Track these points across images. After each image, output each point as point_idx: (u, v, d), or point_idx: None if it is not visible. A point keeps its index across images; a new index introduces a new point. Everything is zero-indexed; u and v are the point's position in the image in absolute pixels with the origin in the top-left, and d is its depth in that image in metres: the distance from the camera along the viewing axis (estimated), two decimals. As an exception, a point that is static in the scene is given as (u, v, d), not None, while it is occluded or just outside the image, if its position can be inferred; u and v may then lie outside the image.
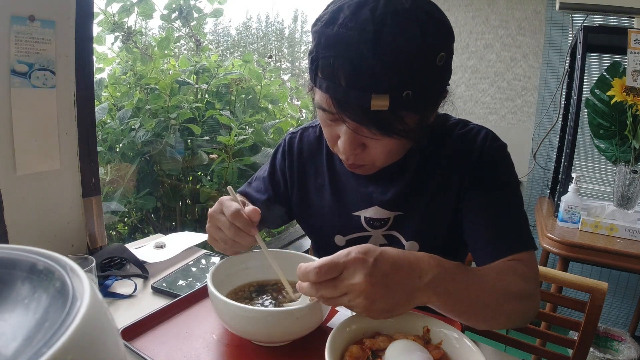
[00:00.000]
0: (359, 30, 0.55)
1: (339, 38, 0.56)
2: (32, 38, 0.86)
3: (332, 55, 0.57)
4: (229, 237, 0.68)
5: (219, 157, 2.01)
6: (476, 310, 0.61)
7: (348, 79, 0.57)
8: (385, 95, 0.56)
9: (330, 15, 0.58)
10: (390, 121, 0.59)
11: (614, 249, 1.33)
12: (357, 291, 0.50)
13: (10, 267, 0.31)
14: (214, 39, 3.21)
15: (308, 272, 0.52)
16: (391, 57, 0.55)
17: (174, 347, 0.62)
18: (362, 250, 0.52)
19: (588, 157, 1.96)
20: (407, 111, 0.59)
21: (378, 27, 0.54)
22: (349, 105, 0.58)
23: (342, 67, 0.57)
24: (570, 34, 1.91)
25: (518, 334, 1.02)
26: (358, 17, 0.55)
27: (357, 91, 0.57)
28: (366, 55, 0.55)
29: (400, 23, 0.55)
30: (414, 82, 0.57)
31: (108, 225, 1.97)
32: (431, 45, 0.57)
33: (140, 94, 2.06)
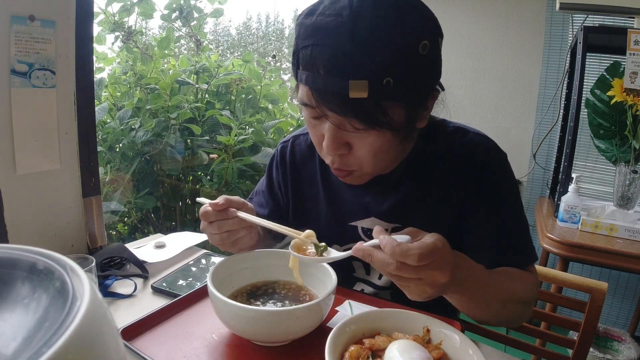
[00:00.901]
0: (336, 16, 0.55)
1: (316, 26, 0.57)
2: (32, 38, 0.86)
3: (311, 44, 0.57)
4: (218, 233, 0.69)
5: (219, 157, 2.01)
6: (482, 308, 0.66)
7: (326, 67, 0.56)
8: (363, 82, 0.55)
9: (311, 7, 0.59)
10: (372, 111, 0.58)
11: (613, 249, 1.33)
12: (434, 283, 0.52)
13: (10, 266, 0.31)
14: (214, 39, 3.21)
15: (409, 255, 0.49)
16: (368, 40, 0.54)
17: (174, 347, 0.62)
18: (446, 242, 0.53)
19: (588, 157, 1.96)
20: (389, 101, 0.58)
21: (355, 11, 0.55)
22: (328, 95, 0.57)
23: (320, 55, 0.56)
24: (570, 34, 1.91)
25: (518, 334, 1.02)
26: (336, 5, 0.56)
27: (335, 79, 0.56)
28: (343, 40, 0.54)
29: (378, 8, 0.55)
30: (395, 68, 0.56)
31: (108, 225, 1.97)
32: (411, 31, 0.56)
33: (140, 94, 2.06)
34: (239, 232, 0.71)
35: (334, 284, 0.65)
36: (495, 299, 0.67)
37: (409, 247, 0.50)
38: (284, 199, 0.91)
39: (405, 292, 0.56)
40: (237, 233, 0.71)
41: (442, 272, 0.51)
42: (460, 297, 0.62)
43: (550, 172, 1.99)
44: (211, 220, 0.69)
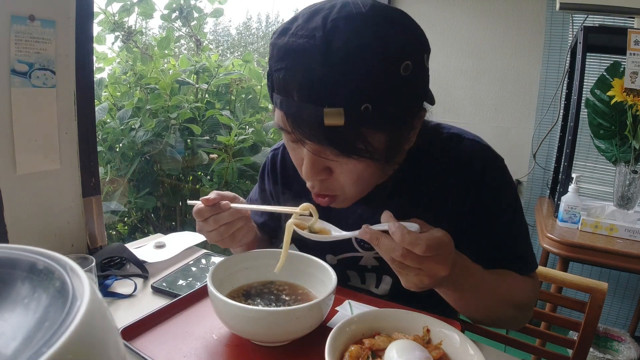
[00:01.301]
0: (308, 38, 0.51)
1: (289, 48, 0.52)
2: (32, 38, 0.86)
3: (283, 67, 0.53)
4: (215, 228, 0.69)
5: (219, 157, 2.01)
6: (480, 309, 0.68)
7: (300, 92, 0.52)
8: (339, 109, 0.50)
9: (284, 26, 0.55)
10: (350, 140, 0.53)
11: (613, 249, 1.33)
12: (435, 276, 0.52)
13: (10, 266, 0.31)
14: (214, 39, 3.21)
15: (417, 244, 0.50)
16: (343, 64, 0.50)
17: (174, 347, 0.62)
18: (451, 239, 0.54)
19: (588, 157, 1.96)
20: (369, 128, 0.54)
21: (328, 33, 0.50)
22: (303, 122, 0.53)
23: (293, 80, 0.52)
24: (571, 34, 1.91)
25: (518, 334, 1.02)
26: (309, 24, 0.52)
27: (309, 105, 0.52)
28: (316, 63, 0.50)
29: (354, 28, 0.50)
30: (373, 93, 0.51)
31: (108, 225, 1.97)
32: (391, 52, 0.51)
33: (140, 94, 2.06)
34: (236, 223, 0.70)
35: (334, 284, 0.66)
36: (489, 298, 0.67)
37: (418, 236, 0.51)
38: None
39: (401, 279, 0.56)
40: (234, 225, 0.70)
41: (443, 266, 0.52)
42: (453, 292, 0.63)
43: (550, 172, 1.99)
44: (205, 216, 0.68)
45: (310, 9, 0.54)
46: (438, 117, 0.77)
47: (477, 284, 0.64)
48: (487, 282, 0.66)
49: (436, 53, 2.17)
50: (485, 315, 0.71)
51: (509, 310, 0.71)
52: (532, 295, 0.75)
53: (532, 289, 0.74)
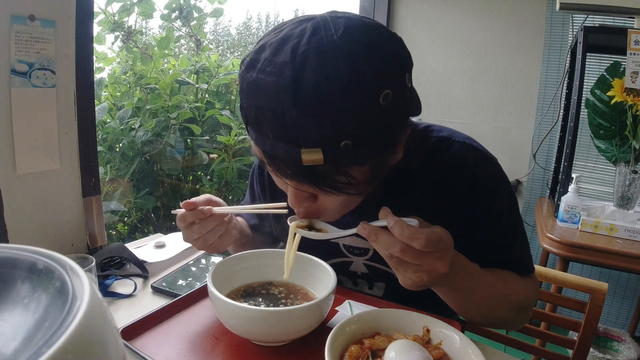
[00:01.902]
0: (277, 76, 0.47)
1: (258, 85, 0.48)
2: (32, 37, 0.86)
3: (254, 105, 0.50)
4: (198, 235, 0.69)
5: (219, 156, 2.01)
6: (477, 309, 0.68)
7: (274, 132, 0.49)
8: (316, 150, 0.47)
9: (251, 57, 0.51)
10: (331, 176, 0.51)
11: (613, 249, 1.33)
12: (434, 272, 0.52)
13: (10, 266, 0.31)
14: (214, 39, 3.21)
15: (416, 238, 0.49)
16: (315, 104, 0.46)
17: (174, 346, 0.62)
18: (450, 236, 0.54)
19: (588, 157, 1.96)
20: (350, 165, 0.51)
21: (298, 70, 0.46)
22: (281, 160, 0.50)
23: (265, 119, 0.49)
24: (571, 34, 1.91)
25: (518, 334, 1.02)
26: (278, 58, 0.47)
27: (285, 145, 0.48)
28: (286, 105, 0.46)
29: (324, 62, 0.46)
30: (352, 129, 0.48)
31: (108, 225, 1.97)
32: (368, 84, 0.47)
33: (140, 94, 2.06)
34: (219, 228, 0.70)
35: (333, 283, 0.65)
36: (487, 299, 0.67)
37: (417, 230, 0.50)
38: None
39: (399, 277, 0.56)
40: (218, 230, 0.70)
41: (442, 263, 0.52)
42: (451, 292, 0.63)
43: (550, 172, 1.99)
44: (188, 221, 0.68)
45: (278, 35, 0.50)
46: (438, 117, 0.77)
47: (475, 284, 0.64)
48: (485, 282, 0.66)
49: (436, 53, 2.17)
50: (483, 315, 0.71)
51: (506, 311, 0.71)
52: (530, 297, 0.75)
53: (530, 290, 0.74)
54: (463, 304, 0.67)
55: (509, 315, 0.72)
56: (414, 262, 0.51)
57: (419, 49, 2.18)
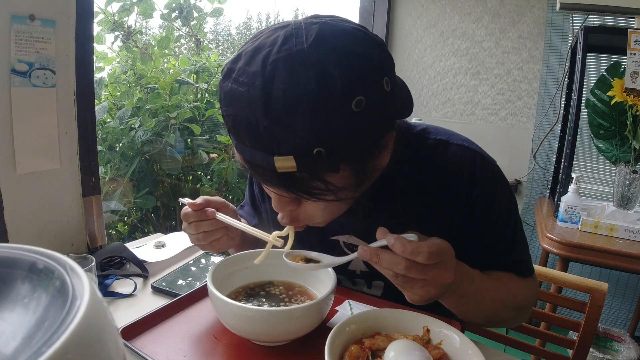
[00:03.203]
0: (248, 86, 0.47)
1: (233, 95, 0.49)
2: (33, 37, 0.86)
3: (231, 114, 0.50)
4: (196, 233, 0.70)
5: (219, 156, 2.01)
6: (478, 311, 0.68)
7: (249, 140, 0.50)
8: (289, 157, 0.48)
9: (228, 67, 0.52)
10: (308, 183, 0.51)
11: (613, 250, 1.33)
12: (439, 284, 0.52)
13: (10, 266, 0.31)
14: (214, 38, 3.21)
15: (419, 252, 0.49)
16: (284, 114, 0.46)
17: (174, 346, 0.62)
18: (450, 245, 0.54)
19: (588, 157, 1.96)
20: (325, 171, 0.51)
21: (267, 80, 0.46)
22: (258, 167, 0.51)
23: (240, 127, 0.50)
24: (571, 34, 1.91)
25: (518, 334, 1.02)
26: (250, 68, 0.48)
27: (260, 153, 0.49)
28: (257, 115, 0.47)
29: (293, 72, 0.46)
30: (324, 137, 0.48)
31: (108, 225, 1.97)
32: (338, 92, 0.46)
33: (140, 93, 2.06)
34: (215, 233, 0.71)
35: (333, 283, 0.65)
36: (489, 303, 0.68)
37: (419, 244, 0.50)
38: (264, 212, 0.89)
39: (406, 295, 0.56)
40: (213, 234, 0.71)
41: (448, 273, 0.52)
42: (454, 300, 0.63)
43: (550, 172, 1.99)
44: (190, 220, 0.69)
45: (253, 44, 0.50)
46: (438, 117, 0.77)
47: (477, 290, 0.64)
48: (486, 287, 0.67)
49: (436, 53, 2.17)
50: (485, 318, 0.72)
51: (508, 312, 0.72)
52: (530, 296, 0.76)
53: (531, 291, 0.75)
54: (467, 310, 0.68)
55: (510, 315, 0.74)
56: (420, 277, 0.51)
57: (419, 49, 2.18)
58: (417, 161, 0.69)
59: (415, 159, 0.69)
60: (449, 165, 0.68)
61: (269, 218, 0.88)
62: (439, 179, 0.68)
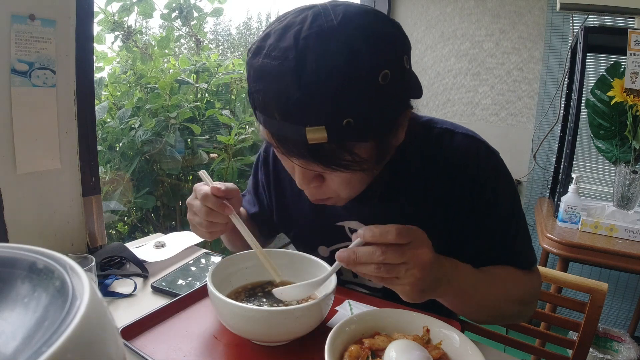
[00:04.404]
0: (281, 60, 0.50)
1: (264, 70, 0.51)
2: (33, 37, 0.86)
3: (261, 89, 0.52)
4: (203, 219, 0.68)
5: (219, 156, 2.01)
6: (478, 307, 0.68)
7: (280, 113, 0.51)
8: (320, 127, 0.50)
9: (257, 45, 0.54)
10: (337, 154, 0.53)
11: (613, 250, 1.33)
12: (420, 262, 0.53)
13: (10, 265, 0.31)
14: (214, 38, 3.21)
15: (388, 231, 0.52)
16: (318, 84, 0.49)
17: (174, 346, 0.62)
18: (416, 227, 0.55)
19: (588, 157, 1.96)
20: (354, 141, 0.53)
21: (300, 53, 0.49)
22: (287, 140, 0.53)
23: (271, 101, 0.52)
24: (571, 34, 1.91)
25: (518, 335, 1.02)
26: (281, 43, 0.50)
27: (291, 125, 0.51)
28: (291, 86, 0.49)
29: (325, 46, 0.49)
30: (353, 108, 0.50)
31: (108, 225, 1.97)
32: (366, 65, 0.50)
33: (140, 93, 2.06)
34: (219, 226, 0.70)
35: (333, 284, 0.66)
36: (490, 297, 0.67)
37: (386, 226, 0.52)
38: (268, 200, 0.90)
39: (397, 289, 0.56)
40: (217, 226, 0.70)
41: (424, 250, 0.54)
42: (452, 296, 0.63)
43: (550, 172, 1.99)
44: (207, 205, 0.67)
45: (281, 23, 0.53)
46: (438, 117, 0.77)
47: (475, 284, 0.64)
48: (484, 280, 0.67)
49: (436, 53, 2.17)
50: (488, 314, 0.71)
51: (512, 306, 0.71)
52: (533, 290, 0.74)
53: (533, 283, 0.74)
54: (468, 306, 0.67)
55: (514, 310, 0.72)
56: (399, 259, 0.53)
57: (419, 49, 2.18)
58: (423, 148, 0.72)
59: (422, 146, 0.72)
60: (454, 154, 0.71)
61: (272, 207, 0.89)
62: (445, 166, 0.71)
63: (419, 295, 0.56)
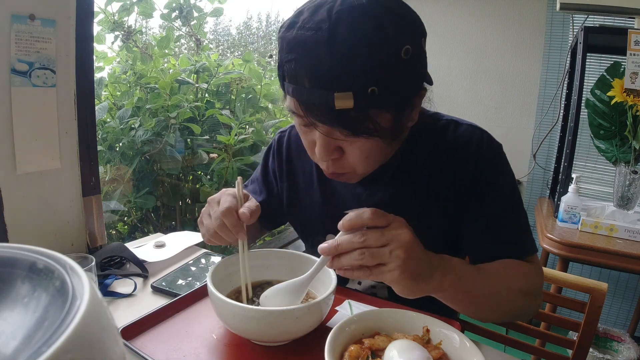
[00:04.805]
0: (315, 30, 0.55)
1: (298, 40, 0.56)
2: (33, 37, 0.86)
3: (293, 58, 0.57)
4: (214, 228, 0.67)
5: (219, 156, 2.01)
6: (481, 302, 0.66)
7: (310, 80, 0.56)
8: (348, 93, 0.55)
9: (291, 20, 0.59)
10: (360, 120, 0.58)
11: (613, 250, 1.33)
12: (402, 241, 0.54)
13: (10, 265, 0.31)
14: (214, 38, 3.21)
15: (362, 212, 0.54)
16: (347, 53, 0.54)
17: (174, 346, 0.62)
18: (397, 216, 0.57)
19: (588, 157, 1.96)
20: (376, 109, 0.58)
21: (333, 25, 0.54)
22: (315, 107, 0.58)
23: (303, 69, 0.56)
24: (571, 34, 1.91)
25: (517, 334, 1.02)
26: (315, 17, 0.56)
27: (320, 91, 0.56)
28: (323, 53, 0.54)
29: (355, 19, 0.55)
30: (378, 77, 0.56)
31: (108, 224, 1.97)
32: (392, 39, 0.56)
33: (140, 93, 2.06)
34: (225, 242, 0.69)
35: (334, 283, 0.66)
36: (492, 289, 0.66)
37: (359, 209, 0.55)
38: (278, 188, 0.92)
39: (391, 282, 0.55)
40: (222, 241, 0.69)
41: (404, 230, 0.55)
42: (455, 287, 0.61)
43: (550, 172, 1.99)
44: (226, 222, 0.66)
45: (313, 2, 0.58)
46: (438, 117, 0.78)
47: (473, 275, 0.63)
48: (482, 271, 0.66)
49: (436, 53, 2.17)
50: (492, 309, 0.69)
51: (514, 298, 0.69)
52: (534, 279, 0.73)
53: (533, 272, 0.73)
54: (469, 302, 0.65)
55: (518, 303, 0.70)
56: (380, 241, 0.54)
57: (419, 49, 2.17)
58: (430, 137, 0.76)
59: (429, 136, 0.76)
60: (458, 140, 0.75)
61: (282, 195, 0.91)
62: (450, 151, 0.75)
63: (412, 283, 0.55)
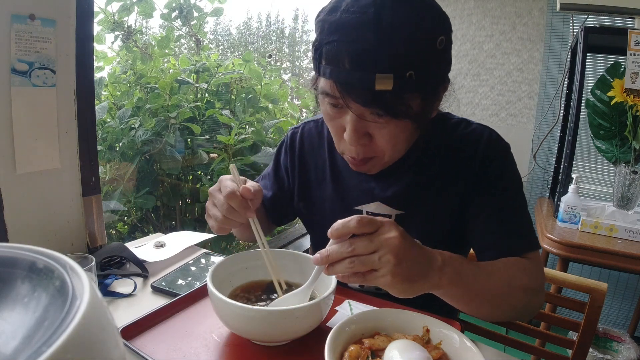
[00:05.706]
0: (360, 13, 0.58)
1: (341, 22, 0.59)
2: (33, 37, 0.86)
3: (336, 39, 0.59)
4: (222, 214, 0.67)
5: (219, 156, 2.01)
6: (482, 299, 0.66)
7: (352, 61, 0.59)
8: (389, 75, 0.57)
9: (333, 4, 0.62)
10: (395, 103, 0.60)
11: (613, 250, 1.33)
12: (391, 246, 0.53)
13: (10, 265, 0.31)
14: (215, 38, 3.21)
15: (349, 221, 0.54)
16: (392, 36, 0.57)
17: (174, 346, 0.62)
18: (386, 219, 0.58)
19: (588, 157, 1.96)
20: (411, 93, 0.61)
21: (378, 10, 0.57)
22: (353, 88, 0.60)
23: (345, 50, 0.59)
24: (571, 35, 1.91)
25: (517, 334, 1.02)
26: (360, 2, 0.59)
27: (361, 72, 0.58)
28: (368, 36, 0.57)
29: (398, 7, 0.58)
30: (416, 62, 0.59)
31: (108, 224, 1.97)
32: (429, 28, 0.60)
33: (140, 93, 2.06)
34: (235, 224, 0.69)
35: (334, 283, 0.66)
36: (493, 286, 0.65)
37: (346, 219, 0.54)
38: (289, 183, 0.93)
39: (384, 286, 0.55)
40: (232, 224, 0.69)
41: (393, 234, 0.54)
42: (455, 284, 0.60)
43: (550, 172, 1.99)
44: (232, 204, 0.66)
45: None
46: (438, 117, 0.79)
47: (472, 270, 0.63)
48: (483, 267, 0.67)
49: (436, 53, 2.17)
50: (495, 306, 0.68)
51: (517, 294, 0.68)
52: (537, 276, 0.73)
53: (534, 268, 0.72)
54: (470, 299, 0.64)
55: (520, 300, 0.69)
56: (368, 249, 0.53)
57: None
58: (441, 134, 0.79)
59: (440, 134, 0.79)
60: (468, 139, 0.78)
61: (293, 190, 0.92)
62: (458, 151, 0.78)
63: (407, 286, 0.54)
